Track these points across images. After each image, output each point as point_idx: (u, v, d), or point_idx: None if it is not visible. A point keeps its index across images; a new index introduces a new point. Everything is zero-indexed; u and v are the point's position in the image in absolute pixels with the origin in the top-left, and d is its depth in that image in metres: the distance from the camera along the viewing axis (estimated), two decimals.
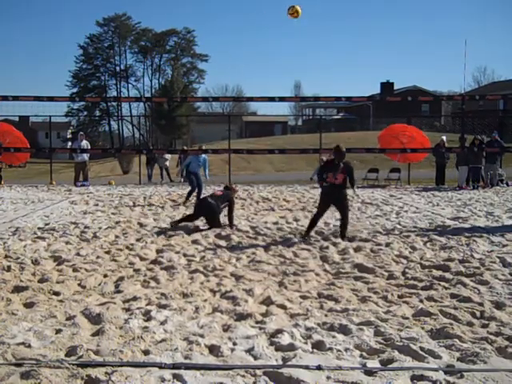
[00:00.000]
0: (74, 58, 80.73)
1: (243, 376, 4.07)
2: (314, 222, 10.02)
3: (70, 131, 75.91)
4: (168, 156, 25.71)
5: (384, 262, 7.91)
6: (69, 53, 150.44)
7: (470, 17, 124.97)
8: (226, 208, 11.05)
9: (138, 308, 5.75)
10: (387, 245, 9.17)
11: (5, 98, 15.72)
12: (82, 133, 23.03)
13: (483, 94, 35.34)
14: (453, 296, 6.17)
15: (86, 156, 22.00)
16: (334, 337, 4.89)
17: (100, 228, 10.91)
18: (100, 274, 7.30)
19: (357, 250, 8.85)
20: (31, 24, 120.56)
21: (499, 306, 5.80)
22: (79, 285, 6.77)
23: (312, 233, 10.24)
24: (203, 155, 15.71)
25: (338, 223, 10.17)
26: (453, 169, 21.55)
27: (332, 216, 12.51)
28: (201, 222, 11.11)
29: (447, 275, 7.08)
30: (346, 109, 73.34)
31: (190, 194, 15.45)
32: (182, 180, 25.42)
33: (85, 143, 21.95)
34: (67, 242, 9.44)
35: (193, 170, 15.20)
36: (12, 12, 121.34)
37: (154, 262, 8.06)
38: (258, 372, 4.12)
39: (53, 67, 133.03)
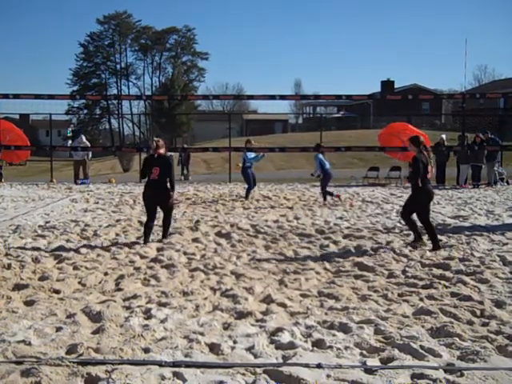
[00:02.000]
0: (75, 55, 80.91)
1: (243, 374, 4.07)
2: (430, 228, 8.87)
3: (70, 129, 75.93)
4: (169, 154, 25.73)
5: (384, 261, 7.91)
6: (69, 51, 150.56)
7: (471, 15, 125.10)
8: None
9: (138, 306, 5.75)
10: (387, 243, 9.17)
11: (5, 96, 15.71)
12: (82, 136, 23.01)
13: (484, 92, 35.31)
14: (453, 294, 6.16)
15: (85, 154, 21.97)
16: (334, 335, 4.89)
17: (100, 226, 10.91)
18: (100, 272, 7.30)
19: (357, 248, 8.85)
20: (31, 22, 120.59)
21: (499, 304, 5.80)
22: (79, 283, 6.77)
23: (312, 231, 10.25)
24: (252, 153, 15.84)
25: (339, 221, 10.10)
26: (453, 167, 21.54)
27: (332, 214, 12.51)
28: None
29: (447, 274, 7.08)
30: (347, 107, 73.32)
31: (248, 190, 15.84)
32: (183, 178, 25.55)
33: (85, 142, 21.96)
34: (68, 240, 9.45)
35: (249, 166, 15.62)
36: (12, 10, 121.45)
37: (155, 260, 8.06)
38: (258, 370, 4.12)
39: (53, 65, 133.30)
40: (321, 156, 14.80)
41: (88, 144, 22.64)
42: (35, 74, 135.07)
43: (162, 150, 9.45)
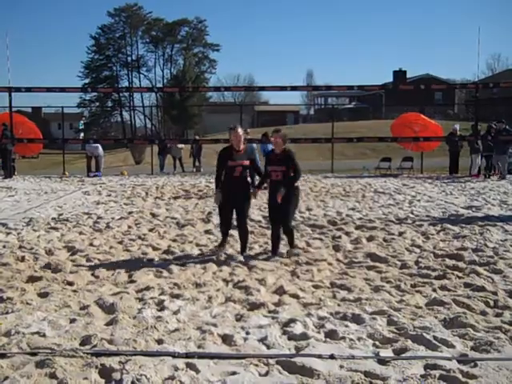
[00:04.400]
0: (86, 48, 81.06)
1: (256, 365, 4.08)
2: None
3: (82, 122, 76.20)
4: (182, 146, 25.81)
5: (397, 252, 7.89)
6: (81, 43, 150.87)
7: (484, 3, 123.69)
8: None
9: (151, 298, 5.77)
10: (400, 234, 9.14)
11: (18, 90, 15.81)
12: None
13: (497, 81, 34.98)
14: (466, 285, 6.14)
15: (99, 146, 22.07)
16: (346, 326, 4.88)
17: (113, 218, 10.96)
18: (113, 263, 7.33)
19: (369, 239, 8.82)
20: (43, 15, 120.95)
21: None
22: (92, 275, 6.81)
23: (325, 222, 10.23)
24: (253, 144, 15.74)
25: (351, 212, 10.08)
26: (467, 157, 21.39)
27: (344, 205, 12.49)
28: None
29: (460, 264, 7.04)
30: (359, 98, 73.00)
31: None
32: (195, 170, 25.58)
33: (99, 151, 22.07)
34: (80, 233, 9.50)
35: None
36: (24, 3, 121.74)
37: (167, 252, 8.08)
38: (271, 361, 4.13)
39: (65, 58, 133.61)
40: (270, 146, 15.01)
41: (101, 152, 22.50)
42: (47, 67, 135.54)
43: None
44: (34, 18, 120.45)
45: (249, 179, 8.25)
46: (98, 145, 22.50)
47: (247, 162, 7.85)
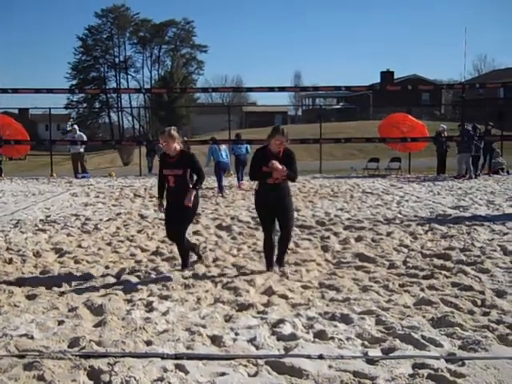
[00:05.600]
0: (73, 49, 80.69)
1: (245, 366, 4.08)
2: None
3: (69, 123, 75.85)
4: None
5: (385, 252, 7.92)
6: (68, 44, 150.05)
7: (470, 4, 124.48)
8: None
9: (139, 299, 5.76)
10: (388, 234, 9.18)
11: (4, 91, 15.69)
12: (75, 126, 22.95)
13: (483, 82, 35.22)
14: (454, 285, 6.17)
15: (80, 147, 21.87)
16: (335, 326, 4.90)
17: (101, 220, 10.92)
18: (101, 265, 7.31)
19: (358, 239, 8.85)
20: (30, 16, 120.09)
21: (500, 294, 5.80)
22: (81, 277, 6.77)
23: (313, 222, 10.25)
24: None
25: (339, 213, 10.12)
26: (454, 157, 21.48)
27: (332, 206, 12.53)
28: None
29: (448, 264, 7.08)
30: (346, 98, 73.14)
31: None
32: None
33: (80, 134, 21.88)
34: (68, 234, 9.46)
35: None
36: (10, 4, 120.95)
37: (155, 253, 8.07)
38: (260, 362, 4.13)
39: (52, 59, 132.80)
40: (215, 147, 15.60)
41: (83, 136, 22.49)
42: (34, 69, 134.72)
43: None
44: (21, 18, 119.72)
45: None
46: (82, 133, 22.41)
47: (180, 172, 6.78)
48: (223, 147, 15.78)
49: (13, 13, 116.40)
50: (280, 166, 6.53)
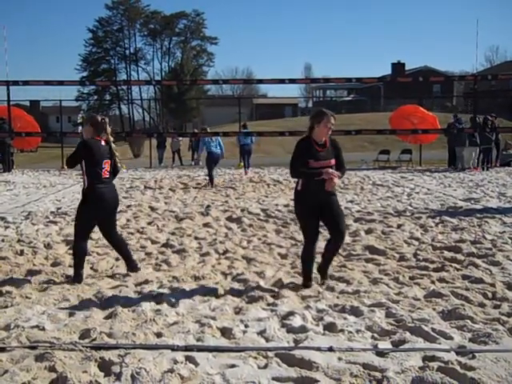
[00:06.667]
0: (84, 41, 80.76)
1: (255, 358, 4.09)
2: None
3: (80, 115, 76.06)
4: (180, 138, 25.90)
5: (395, 244, 7.90)
6: (78, 36, 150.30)
7: None
8: None
9: (149, 291, 5.78)
10: (398, 226, 9.15)
11: (15, 83, 15.72)
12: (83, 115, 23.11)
13: (495, 73, 34.92)
14: (464, 277, 6.15)
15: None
16: (345, 318, 4.89)
17: None
18: (112, 257, 7.32)
19: (368, 231, 8.83)
20: (41, 8, 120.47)
21: (511, 286, 5.78)
22: (91, 268, 6.81)
23: None
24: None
25: (349, 205, 10.07)
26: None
27: (342, 198, 12.50)
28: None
29: (459, 256, 7.05)
30: (357, 90, 72.89)
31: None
32: (194, 163, 25.58)
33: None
34: None
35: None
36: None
37: (166, 245, 8.08)
38: (270, 354, 4.14)
39: (62, 51, 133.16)
40: (208, 138, 15.63)
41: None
42: (45, 61, 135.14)
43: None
44: (31, 12, 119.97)
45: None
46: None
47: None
48: (214, 138, 15.83)
49: (22, 5, 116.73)
50: (336, 174, 5.82)
